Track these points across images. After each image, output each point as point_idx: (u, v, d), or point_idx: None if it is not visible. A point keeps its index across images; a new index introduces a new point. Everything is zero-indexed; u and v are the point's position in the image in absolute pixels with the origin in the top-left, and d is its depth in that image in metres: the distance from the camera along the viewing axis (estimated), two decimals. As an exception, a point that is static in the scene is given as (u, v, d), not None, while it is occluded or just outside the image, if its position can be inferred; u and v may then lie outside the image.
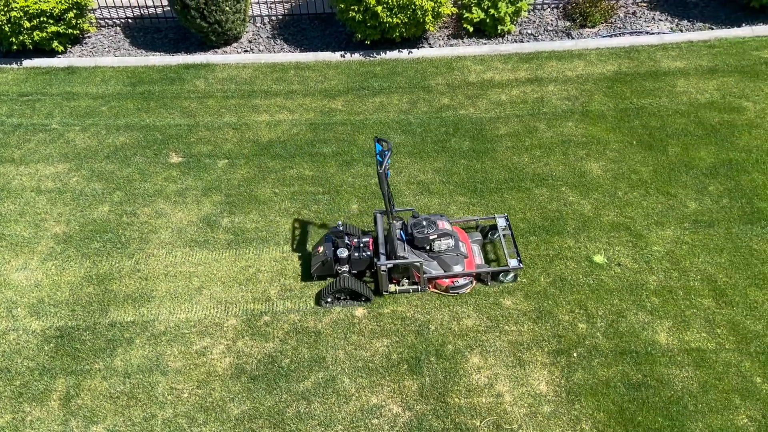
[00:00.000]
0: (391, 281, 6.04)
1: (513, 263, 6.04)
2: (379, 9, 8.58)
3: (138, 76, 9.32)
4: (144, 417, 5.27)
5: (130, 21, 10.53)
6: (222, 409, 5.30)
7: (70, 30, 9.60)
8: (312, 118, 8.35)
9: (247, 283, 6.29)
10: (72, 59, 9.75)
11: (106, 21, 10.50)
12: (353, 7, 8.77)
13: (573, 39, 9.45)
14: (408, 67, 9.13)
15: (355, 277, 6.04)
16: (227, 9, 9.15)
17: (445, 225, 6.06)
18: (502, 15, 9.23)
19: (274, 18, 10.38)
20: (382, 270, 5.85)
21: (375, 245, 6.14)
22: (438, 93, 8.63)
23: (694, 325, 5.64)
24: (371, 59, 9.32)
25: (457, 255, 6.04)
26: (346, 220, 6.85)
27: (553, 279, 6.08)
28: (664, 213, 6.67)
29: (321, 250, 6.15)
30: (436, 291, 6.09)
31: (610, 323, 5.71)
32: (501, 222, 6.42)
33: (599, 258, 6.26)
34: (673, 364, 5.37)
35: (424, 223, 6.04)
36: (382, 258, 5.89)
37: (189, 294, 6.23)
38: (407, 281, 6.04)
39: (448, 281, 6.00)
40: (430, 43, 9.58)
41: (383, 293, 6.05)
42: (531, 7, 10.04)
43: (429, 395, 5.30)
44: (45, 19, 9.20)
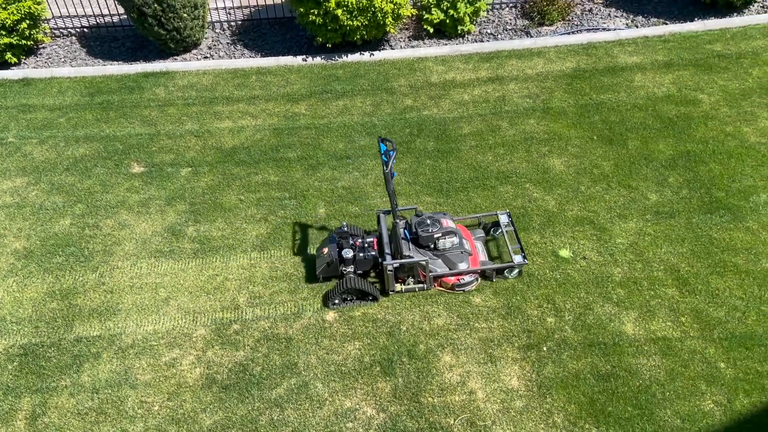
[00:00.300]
0: (397, 280, 6.05)
1: (518, 259, 6.10)
2: (339, 12, 8.57)
3: (96, 86, 9.16)
4: (114, 432, 5.18)
5: (86, 30, 10.34)
6: (194, 421, 5.23)
7: (23, 41, 9.39)
8: (275, 123, 8.30)
9: (215, 292, 6.23)
10: (27, 71, 9.53)
11: (61, 31, 10.29)
12: (313, 11, 8.74)
13: (532, 37, 9.57)
14: (370, 70, 9.14)
15: (360, 278, 6.05)
16: (185, 16, 9.05)
17: (449, 223, 6.09)
18: (461, 15, 9.30)
19: (233, 23, 10.29)
20: (388, 270, 5.84)
21: (379, 245, 6.13)
22: (401, 94, 8.66)
23: (659, 315, 5.75)
24: (333, 62, 9.31)
25: (462, 252, 6.06)
26: (314, 223, 6.83)
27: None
28: (626, 206, 6.79)
29: (326, 251, 6.11)
30: (441, 289, 6.10)
31: (577, 316, 5.79)
32: (503, 218, 6.47)
33: (565, 252, 6.35)
34: (641, 353, 5.47)
35: (428, 222, 6.04)
36: (387, 257, 5.88)
37: (156, 305, 6.14)
38: (412, 280, 6.05)
39: (453, 279, 6.02)
40: (391, 45, 9.61)
41: (389, 293, 6.05)
42: (490, 7, 10.14)
43: (402, 396, 5.31)
44: (-3, 31, 9.00)
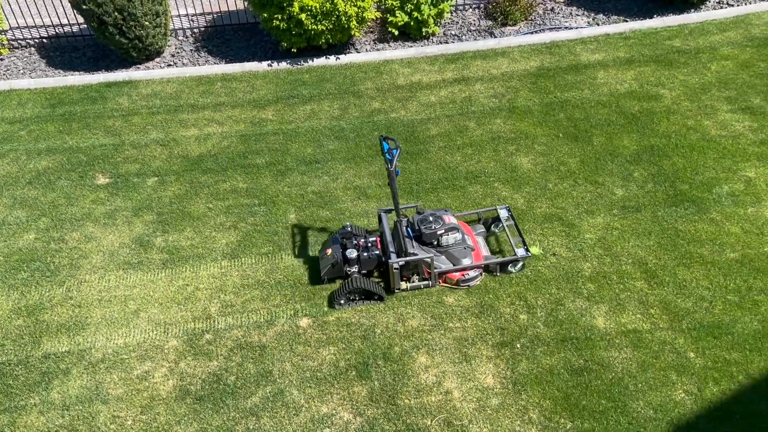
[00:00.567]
0: (401, 279, 6.05)
1: (521, 252, 6.13)
2: (303, 16, 8.54)
3: (57, 97, 8.99)
4: (86, 450, 5.08)
5: (45, 41, 10.14)
6: (168, 434, 5.16)
7: (-20, 53, 9.19)
8: (242, 129, 8.24)
9: (186, 302, 6.15)
10: (-16, 83, 9.32)
11: (19, 42, 10.08)
12: (277, 16, 8.70)
13: (496, 38, 9.66)
14: (337, 73, 9.13)
15: (365, 277, 6.06)
16: (147, 24, 8.93)
17: (451, 219, 6.13)
18: (425, 17, 9.35)
19: (196, 30, 10.20)
20: (394, 268, 5.84)
21: (382, 244, 6.13)
22: (368, 97, 8.66)
23: (629, 308, 5.84)
24: (299, 67, 9.28)
25: (465, 248, 6.09)
26: (284, 229, 6.79)
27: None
28: (593, 201, 6.88)
29: (329, 252, 6.09)
30: (446, 285, 6.12)
31: (549, 312, 5.85)
32: (503, 213, 6.52)
33: (535, 249, 6.40)
34: (612, 346, 5.55)
35: (430, 219, 6.07)
36: (392, 256, 5.88)
37: (126, 318, 6.04)
38: (417, 277, 6.06)
39: (458, 274, 6.05)
40: (357, 49, 9.61)
41: (395, 291, 6.06)
42: (453, 9, 10.21)
43: (379, 399, 5.30)
44: (-48, 43, 8.79)
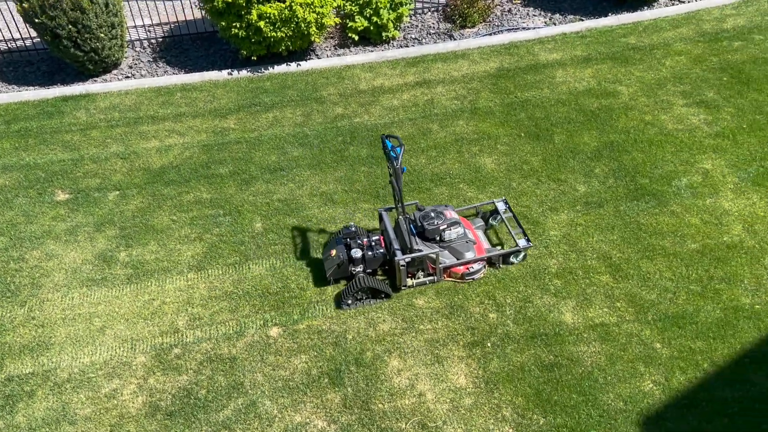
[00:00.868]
0: (407, 275, 6.07)
1: (522, 243, 6.21)
2: (262, 24, 8.50)
3: (12, 113, 8.77)
4: (54, 473, 4.96)
5: (-3, 55, 9.90)
6: (139, 452, 5.07)
7: (-71, 70, 8.93)
8: (204, 139, 8.15)
9: (153, 317, 6.05)
10: (-65, 101, 9.05)
11: (-31, 57, 9.83)
12: (235, 24, 8.64)
13: (455, 40, 9.73)
14: (298, 80, 9.10)
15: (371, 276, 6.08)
16: (102, 36, 8.78)
17: (453, 214, 6.19)
18: (384, 22, 9.38)
19: (153, 41, 10.06)
20: (401, 265, 5.85)
21: (386, 242, 6.16)
22: (331, 103, 8.64)
23: (595, 302, 5.93)
24: (260, 75, 9.22)
25: (467, 242, 6.14)
26: (250, 239, 6.74)
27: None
28: (556, 198, 6.97)
29: (334, 253, 6.09)
30: (451, 279, 6.16)
31: (518, 310, 5.90)
32: (500, 206, 6.59)
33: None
34: (581, 341, 5.62)
35: (432, 215, 6.11)
36: (398, 253, 5.90)
37: (91, 336, 5.92)
38: (422, 273, 6.07)
39: (463, 268, 6.09)
40: (317, 55, 9.59)
41: (401, 288, 6.07)
42: (412, 12, 10.26)
43: (353, 405, 5.28)
44: None
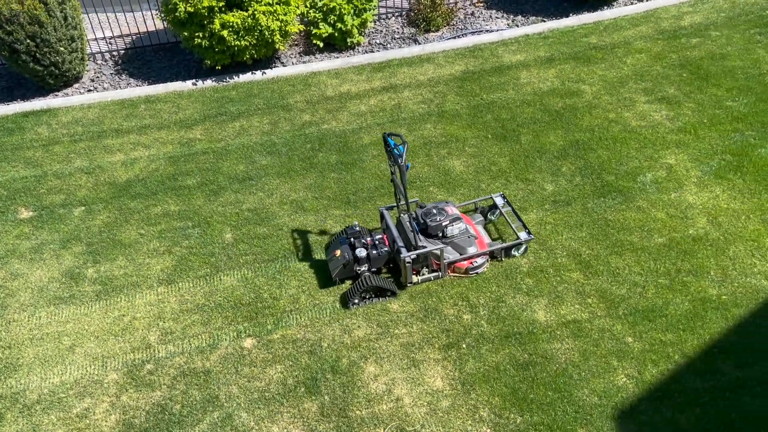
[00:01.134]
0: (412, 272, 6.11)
1: (523, 236, 6.31)
2: (225, 33, 8.44)
3: (-30, 130, 8.58)
4: (26, 497, 4.84)
5: (-47, 72, 9.67)
6: (114, 471, 4.97)
7: None
8: (170, 151, 8.06)
9: (124, 333, 5.95)
10: None
11: (-76, 75, 9.58)
12: (198, 34, 8.56)
13: (420, 44, 9.78)
14: (264, 88, 9.05)
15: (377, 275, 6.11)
16: (62, 49, 8.64)
17: (454, 210, 6.26)
18: (349, 28, 9.38)
19: (115, 53, 9.93)
20: (407, 262, 5.89)
21: (389, 240, 6.20)
22: (298, 110, 8.62)
23: (567, 299, 5.99)
24: (225, 84, 9.15)
25: (469, 237, 6.21)
26: (220, 250, 6.67)
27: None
28: (525, 198, 7.04)
29: (338, 253, 6.10)
30: (455, 275, 6.21)
31: (492, 310, 5.94)
32: (499, 200, 6.67)
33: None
34: (554, 338, 5.68)
35: (434, 211, 6.20)
36: (403, 251, 5.93)
37: (61, 355, 5.80)
38: (427, 270, 6.11)
39: (467, 263, 6.14)
40: (282, 62, 9.55)
41: (407, 285, 6.09)
42: (376, 18, 10.29)
43: (330, 413, 5.25)
44: None
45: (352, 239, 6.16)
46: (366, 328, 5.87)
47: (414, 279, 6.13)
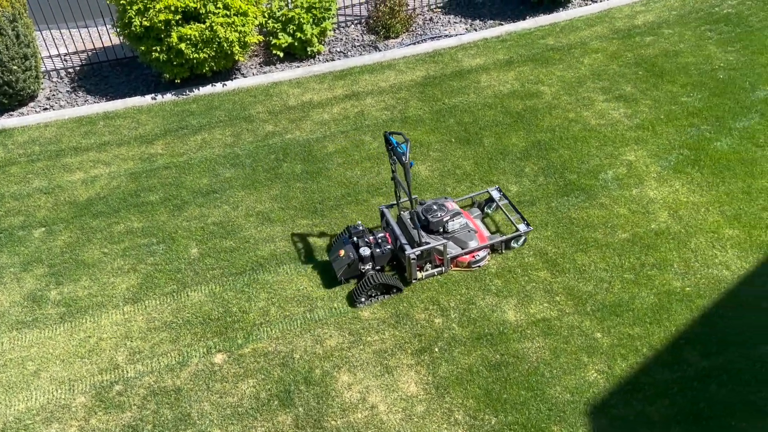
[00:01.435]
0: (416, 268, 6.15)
1: (522, 227, 6.42)
2: (183, 46, 8.35)
3: None
4: None
5: None
6: (85, 497, 4.85)
7: None
8: (131, 167, 7.93)
9: (90, 355, 5.82)
10: None
11: None
12: (155, 48, 8.46)
13: (380, 51, 9.82)
14: (225, 100, 8.98)
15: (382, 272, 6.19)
16: (15, 68, 8.45)
17: (454, 205, 6.37)
18: (309, 37, 9.37)
19: (71, 70, 9.75)
20: (412, 258, 5.92)
21: (392, 238, 6.24)
22: (261, 121, 8.56)
23: (535, 298, 6.05)
24: (185, 97, 9.05)
25: (470, 231, 6.29)
26: (187, 266, 6.58)
27: (403, 281, 6.23)
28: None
29: (342, 253, 6.12)
30: (458, 269, 6.27)
31: (462, 312, 5.96)
32: (495, 193, 6.79)
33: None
34: (525, 338, 5.72)
35: (434, 207, 6.29)
36: (407, 248, 5.98)
37: (25, 381, 5.65)
38: (430, 265, 6.18)
39: (469, 257, 6.20)
40: (243, 73, 9.49)
41: (412, 281, 6.13)
42: (335, 26, 10.29)
43: (305, 425, 5.21)
44: None
45: (355, 238, 6.22)
46: (338, 337, 5.85)
47: (418, 275, 6.20)
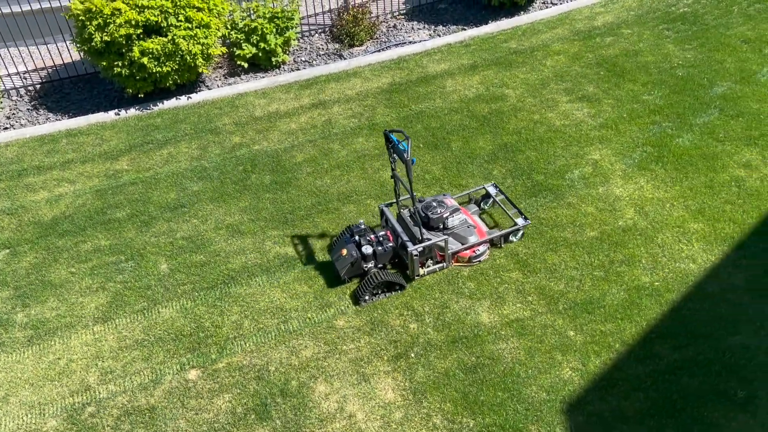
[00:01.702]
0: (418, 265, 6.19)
1: (520, 221, 6.53)
2: (145, 60, 8.26)
3: None
4: None
5: None
6: None
7: None
8: (97, 184, 7.81)
9: (60, 377, 5.70)
10: None
11: None
12: (117, 63, 8.35)
13: (345, 59, 9.83)
14: (190, 113, 8.89)
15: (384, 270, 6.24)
16: (-27, 87, 8.28)
17: (452, 201, 6.51)
18: (273, 47, 9.34)
19: (31, 88, 9.57)
20: (414, 255, 6.01)
21: (394, 236, 6.28)
22: (227, 133, 8.50)
23: (508, 299, 6.10)
24: (149, 112, 8.95)
25: (469, 227, 6.38)
26: (157, 282, 6.49)
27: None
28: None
29: (345, 252, 6.13)
30: (459, 264, 6.33)
31: (437, 316, 5.98)
32: (491, 189, 6.89)
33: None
34: (499, 339, 5.76)
35: (434, 204, 6.41)
36: (409, 245, 6.03)
37: (-7, 408, 5.51)
38: (431, 262, 6.27)
39: (470, 252, 6.27)
40: (208, 86, 9.42)
41: (415, 278, 6.24)
42: (299, 35, 10.28)
43: (283, 437, 5.17)
44: None
45: (357, 237, 6.24)
46: (313, 347, 5.81)
47: (421, 272, 6.25)
